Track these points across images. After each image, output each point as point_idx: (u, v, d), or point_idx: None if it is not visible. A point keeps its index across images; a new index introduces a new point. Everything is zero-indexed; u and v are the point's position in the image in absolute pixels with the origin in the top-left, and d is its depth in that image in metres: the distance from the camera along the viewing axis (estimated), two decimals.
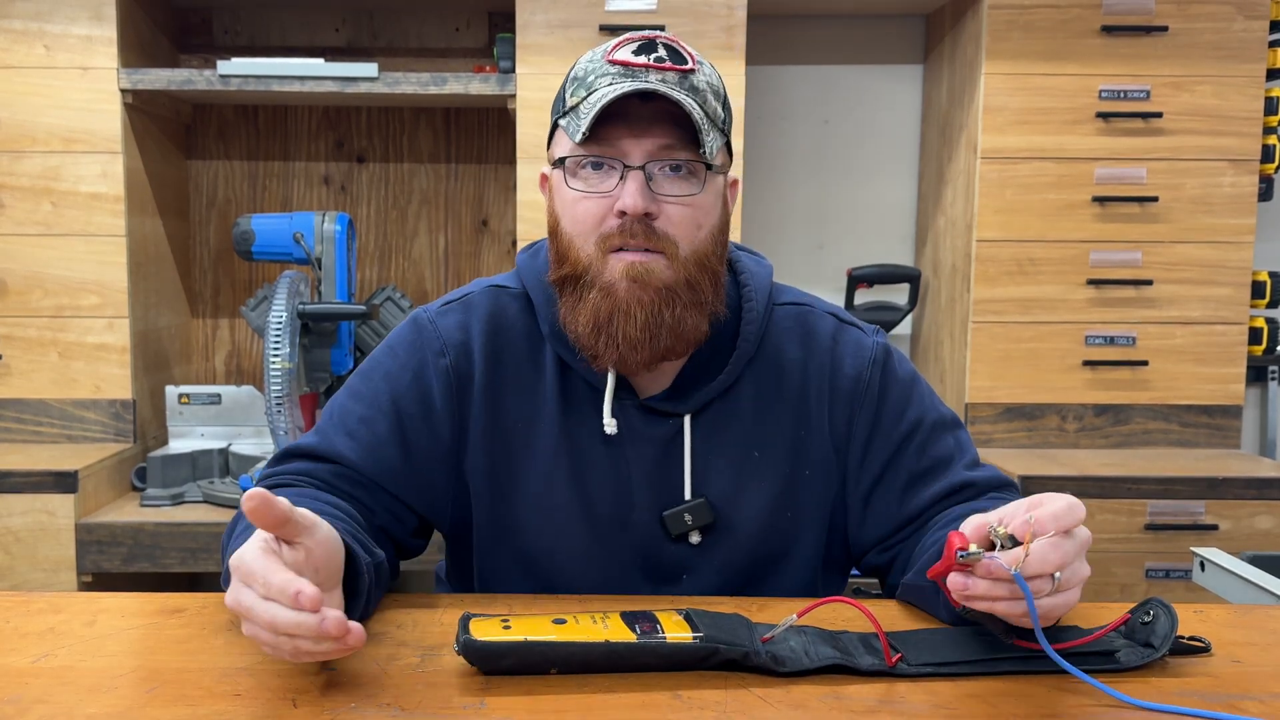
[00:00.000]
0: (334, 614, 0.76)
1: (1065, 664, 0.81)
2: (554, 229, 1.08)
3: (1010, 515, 0.85)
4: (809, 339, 1.15)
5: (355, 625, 0.77)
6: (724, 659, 0.85)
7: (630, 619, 0.87)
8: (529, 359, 1.12)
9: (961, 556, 0.82)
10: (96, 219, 2.21)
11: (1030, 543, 0.81)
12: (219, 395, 2.35)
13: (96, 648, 0.89)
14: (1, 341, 2.23)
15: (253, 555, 0.79)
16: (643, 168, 1.01)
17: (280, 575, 0.77)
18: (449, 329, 1.12)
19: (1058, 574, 0.82)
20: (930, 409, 1.15)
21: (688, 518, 1.09)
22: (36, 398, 2.25)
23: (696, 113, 1.00)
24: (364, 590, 0.92)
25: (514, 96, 2.21)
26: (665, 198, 1.02)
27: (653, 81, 1.01)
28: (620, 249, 1.02)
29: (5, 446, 2.22)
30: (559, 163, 1.06)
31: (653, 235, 1.02)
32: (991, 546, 0.83)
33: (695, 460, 1.10)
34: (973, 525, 0.85)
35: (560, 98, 1.08)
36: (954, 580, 0.84)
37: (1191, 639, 0.92)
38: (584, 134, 1.00)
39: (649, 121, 1.01)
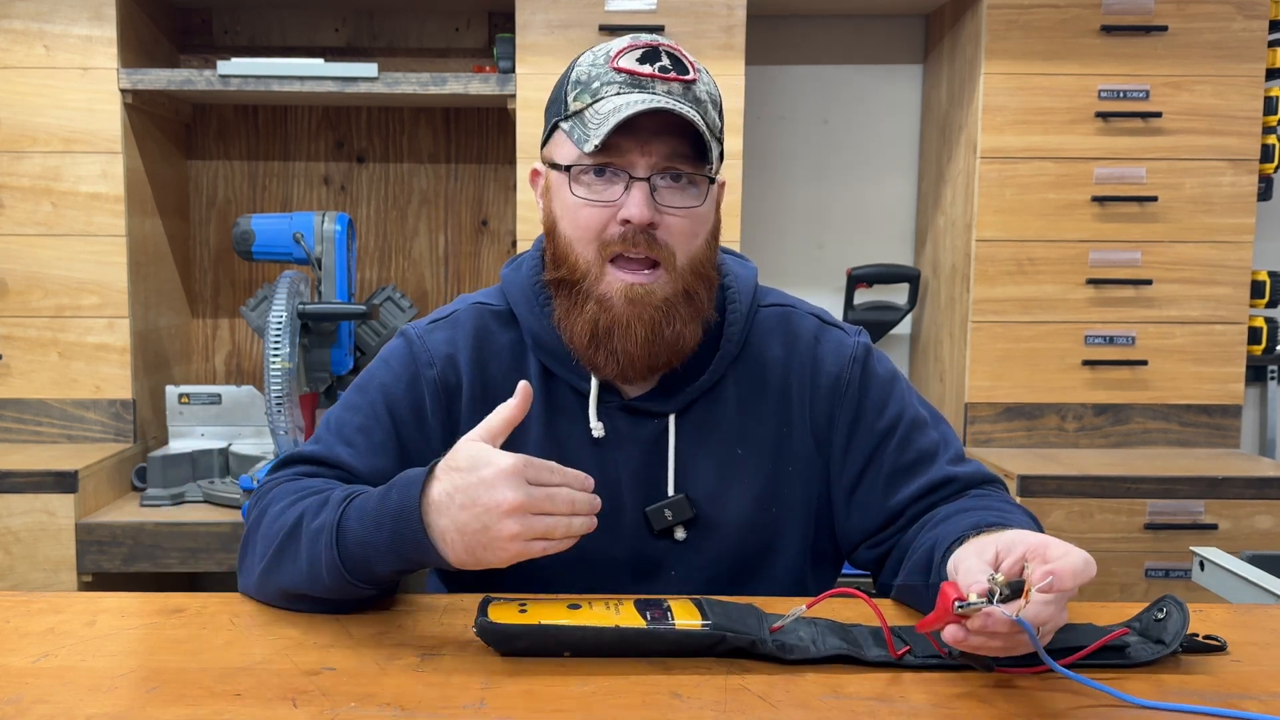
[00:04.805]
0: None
1: (1069, 676, 0.80)
2: (551, 230, 1.10)
3: (1008, 547, 0.84)
4: (791, 339, 1.17)
5: None
6: (731, 646, 0.87)
7: (642, 606, 0.91)
8: (514, 368, 1.14)
9: (960, 607, 0.79)
10: (96, 219, 2.21)
11: (1029, 594, 0.78)
12: (219, 395, 2.35)
13: (96, 648, 0.89)
14: (1, 341, 2.23)
15: (534, 459, 0.90)
16: (648, 179, 1.03)
17: (563, 469, 0.91)
18: (436, 344, 1.14)
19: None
20: (910, 406, 1.17)
21: (668, 513, 1.11)
22: (36, 398, 2.25)
23: (702, 127, 1.02)
24: None
25: (514, 96, 2.21)
26: (667, 209, 1.05)
27: (659, 93, 1.03)
28: (620, 256, 1.05)
29: (5, 446, 2.22)
30: (563, 168, 1.07)
31: (654, 244, 1.04)
32: (990, 596, 0.79)
33: (679, 458, 1.12)
34: (968, 571, 0.82)
35: (560, 99, 1.09)
36: (950, 633, 0.80)
37: (1208, 638, 0.92)
38: (596, 146, 1.02)
39: (654, 133, 1.03)
